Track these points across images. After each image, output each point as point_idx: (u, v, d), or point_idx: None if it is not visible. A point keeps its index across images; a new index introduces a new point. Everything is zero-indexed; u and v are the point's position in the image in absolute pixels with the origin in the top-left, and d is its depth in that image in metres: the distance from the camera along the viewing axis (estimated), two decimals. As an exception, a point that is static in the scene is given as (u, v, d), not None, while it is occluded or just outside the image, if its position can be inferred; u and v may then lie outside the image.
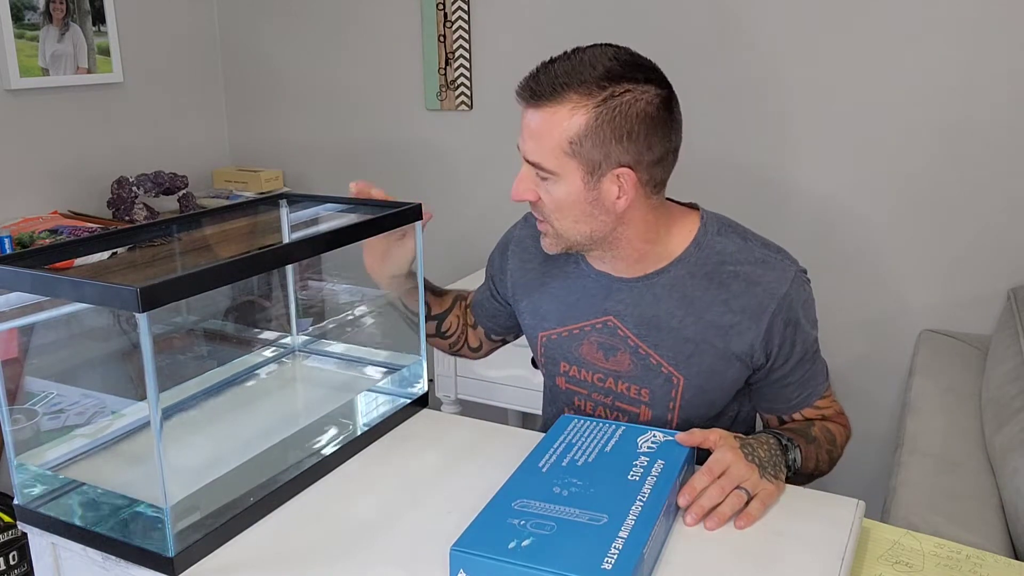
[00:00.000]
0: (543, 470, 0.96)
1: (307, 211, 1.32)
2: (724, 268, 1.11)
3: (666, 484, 0.92)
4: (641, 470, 0.95)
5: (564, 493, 0.91)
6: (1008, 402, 1.45)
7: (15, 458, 0.98)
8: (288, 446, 1.07)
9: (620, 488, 0.91)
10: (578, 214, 1.07)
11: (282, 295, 1.39)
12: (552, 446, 1.01)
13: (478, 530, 0.85)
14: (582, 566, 0.78)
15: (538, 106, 1.04)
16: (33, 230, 2.16)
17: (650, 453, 0.98)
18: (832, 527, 0.93)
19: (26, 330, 1.02)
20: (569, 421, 1.07)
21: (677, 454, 0.98)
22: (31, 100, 2.35)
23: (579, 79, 1.01)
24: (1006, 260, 1.91)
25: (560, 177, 1.05)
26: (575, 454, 0.99)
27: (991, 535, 1.22)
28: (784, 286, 1.09)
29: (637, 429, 1.05)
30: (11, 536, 1.84)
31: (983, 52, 1.85)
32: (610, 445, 1.01)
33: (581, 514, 0.87)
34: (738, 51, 2.08)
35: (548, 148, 1.04)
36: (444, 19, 2.44)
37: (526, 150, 1.07)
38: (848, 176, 2.03)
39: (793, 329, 1.11)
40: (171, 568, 0.87)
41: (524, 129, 1.06)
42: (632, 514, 0.86)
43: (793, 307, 1.10)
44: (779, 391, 1.17)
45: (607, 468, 0.96)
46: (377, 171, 2.69)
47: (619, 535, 0.83)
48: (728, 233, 1.14)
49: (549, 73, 1.03)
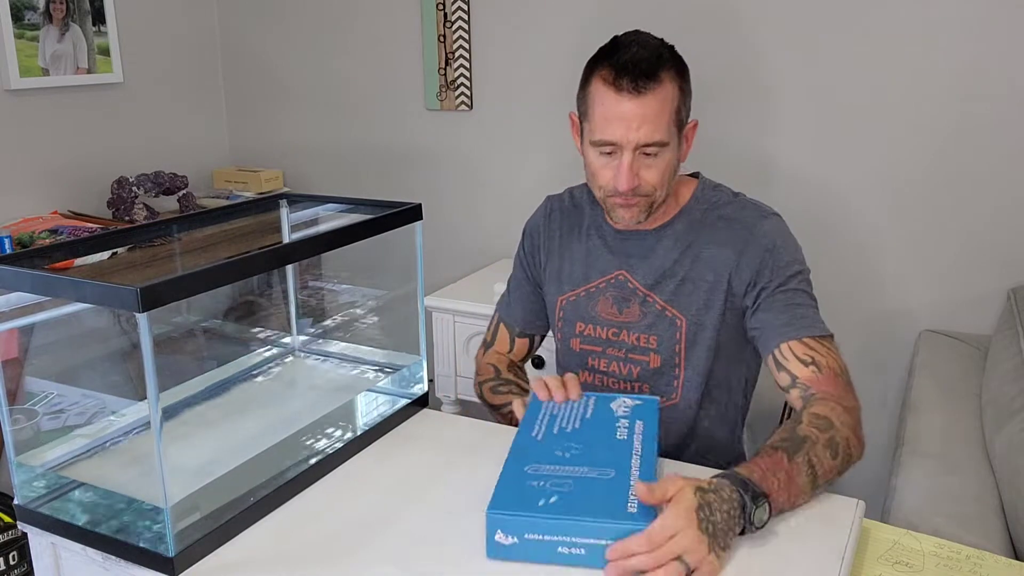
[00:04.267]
0: (538, 439, 1.03)
1: (307, 211, 1.32)
2: (713, 213, 1.26)
3: (651, 439, 1.03)
4: (625, 430, 1.05)
5: (567, 455, 0.99)
6: (1008, 402, 1.45)
7: (15, 458, 0.98)
8: (288, 446, 1.07)
9: (614, 447, 1.01)
10: (671, 174, 1.20)
11: (282, 295, 1.39)
12: (537, 419, 1.09)
13: (504, 493, 0.91)
14: (611, 512, 0.87)
15: (644, 93, 1.12)
16: (33, 230, 2.16)
17: (627, 416, 1.09)
18: (832, 527, 0.93)
19: (26, 330, 1.02)
20: (539, 401, 1.14)
21: (650, 414, 1.10)
22: (31, 100, 2.35)
23: (660, 59, 1.15)
24: (1006, 260, 1.91)
25: (669, 146, 1.16)
26: (561, 423, 1.07)
27: (991, 535, 1.21)
28: (760, 221, 1.23)
29: (607, 397, 1.15)
30: (11, 536, 1.84)
31: (983, 51, 1.85)
32: (589, 413, 1.11)
33: (590, 471, 0.95)
34: (737, 51, 2.08)
35: (664, 124, 1.14)
36: (444, 19, 2.44)
37: (641, 135, 1.13)
38: (848, 176, 2.03)
39: (771, 254, 1.20)
40: (171, 568, 0.87)
41: (631, 120, 1.13)
42: (634, 467, 0.96)
43: (769, 235, 1.21)
44: (766, 314, 1.19)
45: (595, 431, 1.05)
46: (377, 171, 2.69)
47: (630, 483, 0.92)
48: (722, 189, 1.30)
49: (639, 64, 1.13)
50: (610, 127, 1.14)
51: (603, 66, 1.15)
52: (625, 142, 1.13)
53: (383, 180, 2.68)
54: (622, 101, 1.13)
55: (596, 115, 1.16)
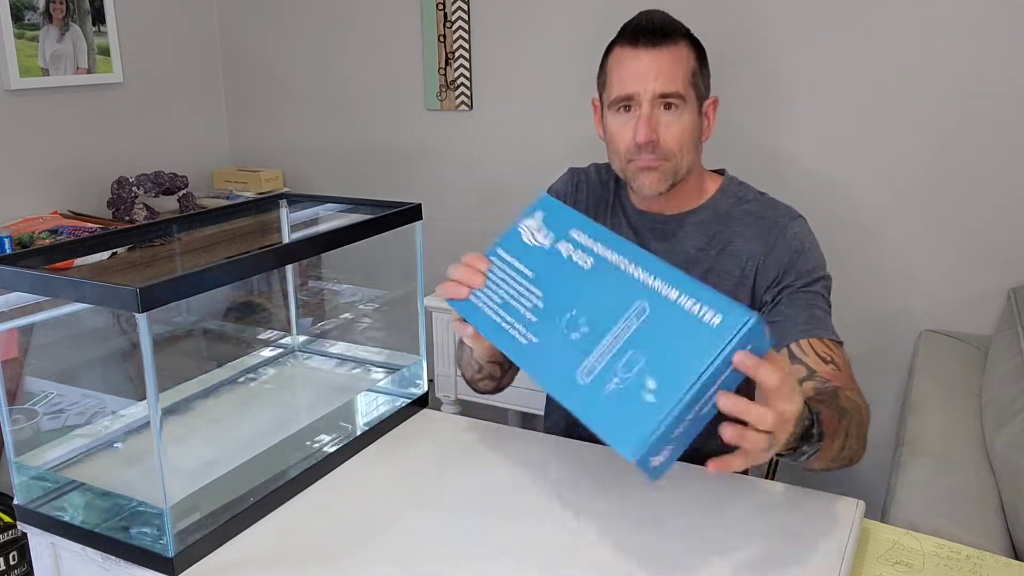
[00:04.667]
0: (548, 340, 0.86)
1: (307, 211, 1.32)
2: (740, 207, 1.26)
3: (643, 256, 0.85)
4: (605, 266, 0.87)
5: (586, 330, 0.84)
6: (1008, 402, 1.45)
7: (15, 458, 0.98)
8: (288, 446, 1.07)
9: (616, 287, 0.84)
10: (692, 143, 1.19)
11: (282, 295, 1.39)
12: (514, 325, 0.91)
13: (614, 428, 0.76)
14: (699, 352, 0.74)
15: (660, 47, 1.15)
16: (33, 230, 2.16)
17: (587, 249, 0.91)
18: (832, 527, 0.93)
19: (26, 330, 1.02)
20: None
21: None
22: (31, 100, 2.35)
23: (676, 25, 1.19)
24: (1006, 260, 1.91)
25: (687, 104, 1.17)
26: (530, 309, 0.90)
27: (991, 535, 1.21)
28: (790, 222, 1.23)
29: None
30: (11, 536, 1.84)
31: (984, 51, 1.85)
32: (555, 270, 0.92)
33: (625, 324, 0.81)
34: (736, 50, 2.08)
35: (680, 77, 1.16)
36: (444, 19, 2.44)
37: (659, 85, 1.15)
38: (848, 176, 2.03)
39: (799, 256, 1.20)
40: (171, 568, 0.87)
41: (647, 72, 1.15)
42: (660, 289, 0.81)
43: (798, 237, 1.22)
44: (788, 309, 1.18)
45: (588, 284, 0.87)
46: (377, 171, 2.69)
47: (678, 304, 0.79)
48: (748, 187, 1.30)
49: (656, 23, 1.17)
50: (628, 80, 1.16)
51: (621, 36, 1.20)
52: (643, 92, 1.15)
53: (383, 180, 2.68)
54: (639, 55, 1.16)
55: (614, 77, 1.18)
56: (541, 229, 0.95)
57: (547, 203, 0.97)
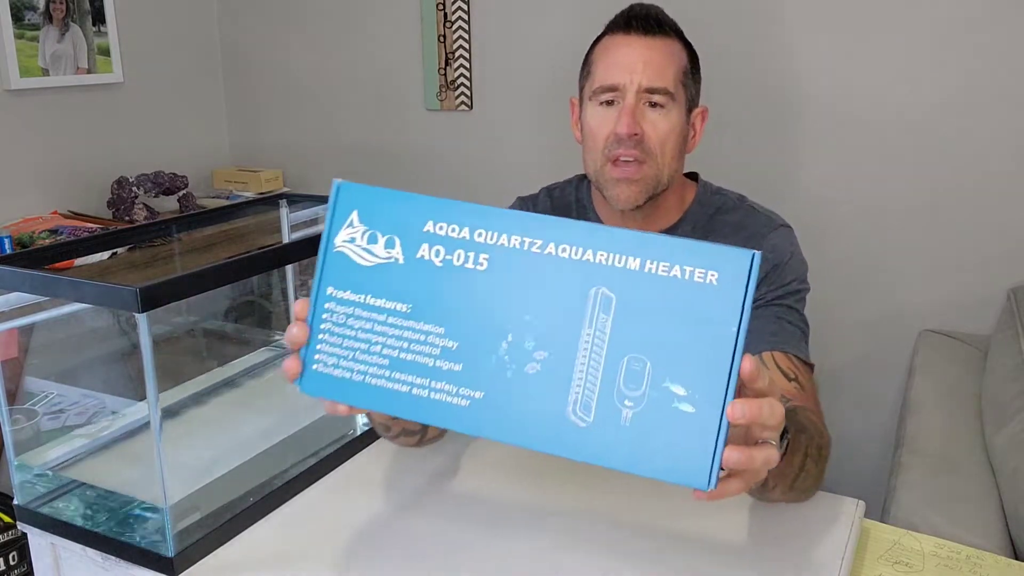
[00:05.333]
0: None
1: (307, 211, 1.32)
2: (717, 218, 1.18)
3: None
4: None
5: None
6: (1008, 402, 1.45)
7: (15, 458, 0.98)
8: (288, 446, 1.07)
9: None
10: (676, 149, 1.10)
11: (282, 295, 1.39)
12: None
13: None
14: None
15: (653, 35, 1.08)
16: (33, 230, 2.16)
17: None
18: (832, 527, 0.93)
19: (26, 330, 1.02)
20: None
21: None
22: (31, 100, 2.35)
23: (672, 23, 1.11)
24: (1006, 260, 1.91)
25: (675, 104, 1.08)
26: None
27: (991, 535, 1.21)
28: (770, 232, 1.14)
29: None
30: (11, 536, 1.84)
31: (983, 52, 1.85)
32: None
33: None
34: (737, 51, 2.08)
35: (671, 74, 1.07)
36: (444, 19, 2.44)
37: (646, 77, 1.06)
38: (848, 176, 2.03)
39: (776, 270, 1.11)
40: (171, 568, 0.87)
41: (636, 61, 1.07)
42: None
43: (777, 250, 1.12)
44: (755, 322, 1.01)
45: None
46: (377, 171, 2.69)
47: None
48: (725, 192, 1.22)
49: (651, 12, 1.10)
50: (614, 69, 1.08)
51: (611, 23, 1.13)
52: (629, 83, 1.06)
53: (383, 180, 2.67)
54: (630, 41, 1.08)
55: (599, 66, 1.10)
56: (373, 237, 0.65)
57: (354, 194, 0.66)
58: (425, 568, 0.88)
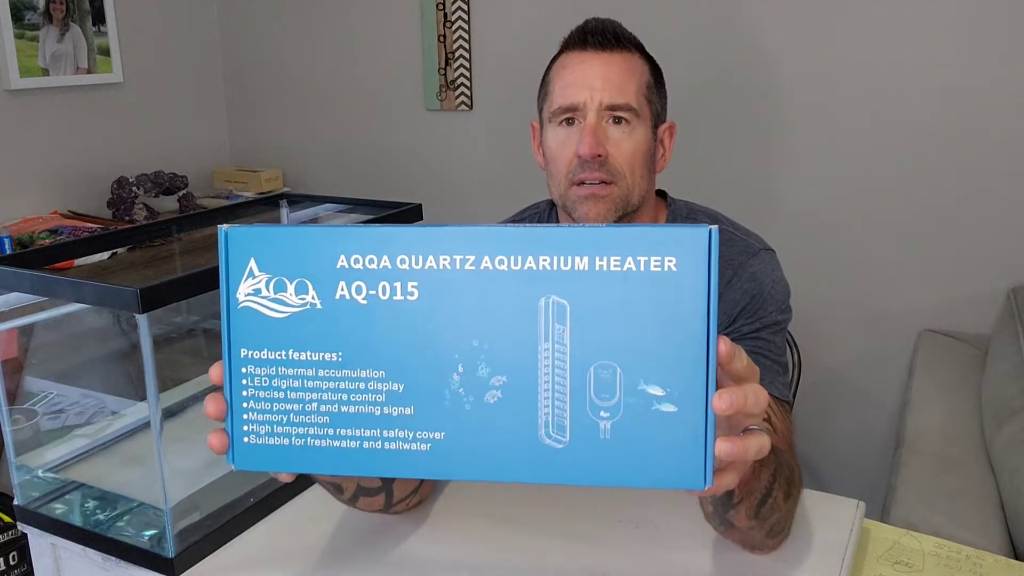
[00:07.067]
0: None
1: (307, 211, 1.32)
2: None
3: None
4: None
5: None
6: (1008, 402, 1.45)
7: (15, 458, 0.98)
8: (288, 446, 1.06)
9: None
10: (644, 167, 1.04)
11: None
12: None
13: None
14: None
15: (611, 50, 1.03)
16: (33, 230, 2.16)
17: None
18: (832, 527, 0.93)
19: (26, 330, 1.02)
20: None
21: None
22: (31, 100, 2.35)
23: (631, 37, 1.06)
24: (1006, 260, 1.91)
25: (640, 121, 1.03)
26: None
27: (991, 535, 1.22)
28: (748, 260, 1.07)
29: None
30: (11, 536, 1.84)
31: (983, 51, 1.85)
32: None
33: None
34: (733, 51, 2.08)
35: (632, 90, 1.02)
36: (444, 19, 2.44)
37: (607, 95, 1.01)
38: (847, 175, 2.03)
39: (754, 301, 1.05)
40: (171, 568, 0.87)
41: (595, 79, 1.02)
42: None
43: (757, 279, 1.06)
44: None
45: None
46: (377, 171, 2.69)
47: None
48: (697, 210, 1.14)
49: (607, 27, 1.05)
50: (572, 88, 1.02)
51: (567, 41, 1.09)
52: (589, 101, 1.01)
53: (383, 180, 2.68)
54: (586, 59, 1.03)
55: (556, 85, 1.04)
56: (280, 285, 0.59)
57: (245, 239, 0.59)
58: (425, 569, 0.88)
